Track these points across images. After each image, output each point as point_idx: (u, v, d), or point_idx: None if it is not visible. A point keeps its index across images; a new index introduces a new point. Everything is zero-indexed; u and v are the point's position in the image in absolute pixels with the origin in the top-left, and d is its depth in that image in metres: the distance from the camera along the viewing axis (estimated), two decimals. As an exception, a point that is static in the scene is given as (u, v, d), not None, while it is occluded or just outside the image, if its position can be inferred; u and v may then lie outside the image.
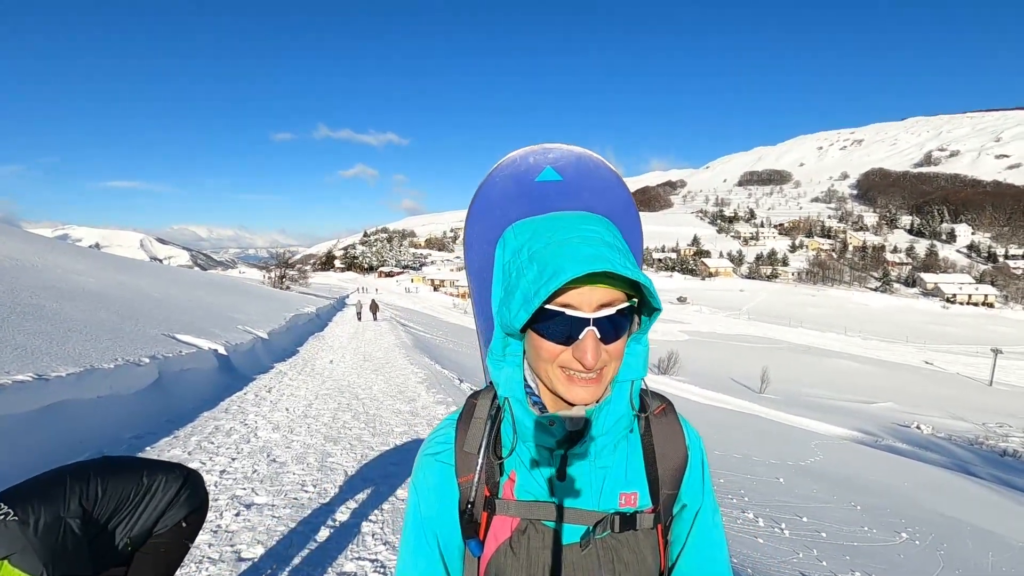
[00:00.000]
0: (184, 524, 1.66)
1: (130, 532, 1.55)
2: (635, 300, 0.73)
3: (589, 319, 0.68)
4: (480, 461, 0.77)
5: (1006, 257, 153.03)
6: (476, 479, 0.77)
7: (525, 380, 0.77)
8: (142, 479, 1.58)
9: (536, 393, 0.78)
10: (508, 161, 0.89)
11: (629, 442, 0.80)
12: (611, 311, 0.68)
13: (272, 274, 42.85)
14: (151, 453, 4.66)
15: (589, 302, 0.68)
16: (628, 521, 0.76)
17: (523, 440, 0.76)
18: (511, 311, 0.71)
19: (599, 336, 0.68)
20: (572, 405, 0.75)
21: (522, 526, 0.76)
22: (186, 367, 7.26)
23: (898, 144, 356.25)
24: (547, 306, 0.68)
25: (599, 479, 0.77)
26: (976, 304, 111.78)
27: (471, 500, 0.77)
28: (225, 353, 8.89)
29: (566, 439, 0.76)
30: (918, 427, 28.38)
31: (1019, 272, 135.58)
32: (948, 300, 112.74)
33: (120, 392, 5.53)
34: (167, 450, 4.77)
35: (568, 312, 0.68)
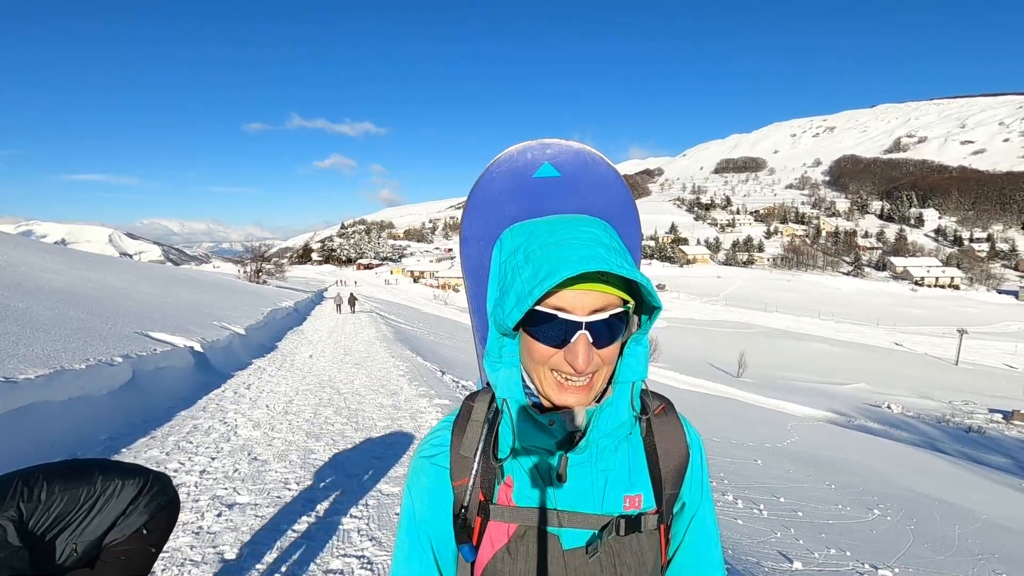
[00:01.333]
0: (145, 531, 1.56)
1: (76, 538, 1.47)
2: (630, 305, 0.72)
3: (582, 323, 0.67)
4: (476, 465, 0.75)
5: (971, 240, 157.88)
6: (471, 483, 0.75)
7: (523, 381, 0.76)
8: (95, 484, 1.49)
9: (535, 394, 0.76)
10: (505, 156, 0.87)
11: (631, 443, 0.79)
12: (604, 315, 0.68)
13: (248, 268, 41.98)
14: (127, 454, 4.56)
15: (583, 305, 0.67)
16: (633, 524, 0.75)
17: (522, 441, 0.74)
18: (504, 311, 0.70)
19: (592, 340, 0.68)
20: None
21: (521, 531, 0.74)
22: (161, 365, 7.10)
23: (868, 131, 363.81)
24: (540, 308, 0.68)
25: (601, 482, 0.76)
26: (943, 286, 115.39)
27: (465, 504, 0.75)
28: (201, 350, 8.72)
29: (566, 440, 0.74)
30: (889, 407, 29.33)
31: (983, 255, 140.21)
32: (916, 283, 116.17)
33: (93, 393, 5.39)
34: (144, 451, 4.67)
35: (561, 315, 0.67)
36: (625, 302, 0.71)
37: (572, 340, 0.67)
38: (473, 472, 0.75)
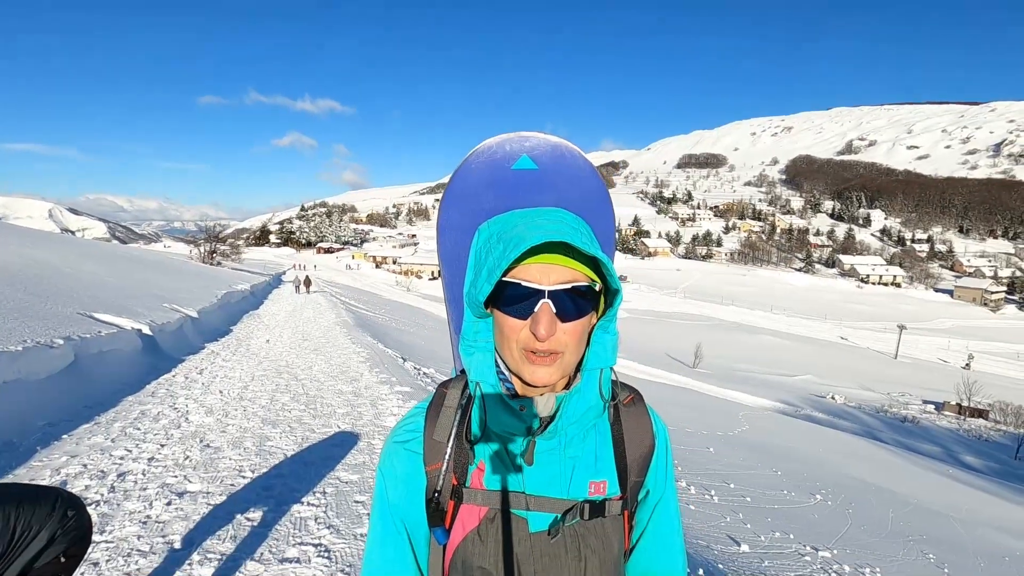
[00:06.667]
0: (63, 559, 1.46)
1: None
2: (596, 284, 0.75)
3: (544, 291, 0.70)
4: (449, 450, 0.77)
5: (913, 241, 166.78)
6: (444, 467, 0.77)
7: (497, 366, 0.78)
8: (9, 520, 1.35)
9: (508, 379, 0.78)
10: (484, 148, 0.90)
11: (598, 431, 0.82)
12: (566, 286, 0.71)
13: (201, 249, 40.23)
14: (69, 441, 4.34)
15: (547, 277, 0.71)
16: (597, 509, 0.78)
17: (493, 425, 0.76)
18: (477, 287, 0.73)
19: (555, 311, 0.70)
20: (537, 388, 0.76)
21: (491, 514, 0.77)
22: (106, 348, 6.76)
23: (823, 132, 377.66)
24: (507, 279, 0.71)
25: (568, 468, 0.79)
26: (886, 284, 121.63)
27: (438, 488, 0.77)
28: (150, 333, 8.35)
29: (536, 426, 0.77)
30: (833, 397, 30.84)
31: (923, 255, 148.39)
32: (862, 280, 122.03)
33: (30, 376, 5.09)
34: (87, 437, 4.45)
35: (525, 283, 0.71)
36: (592, 281, 0.74)
37: (536, 309, 0.70)
38: (446, 457, 0.77)
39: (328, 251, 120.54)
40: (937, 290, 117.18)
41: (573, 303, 0.71)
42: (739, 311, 74.20)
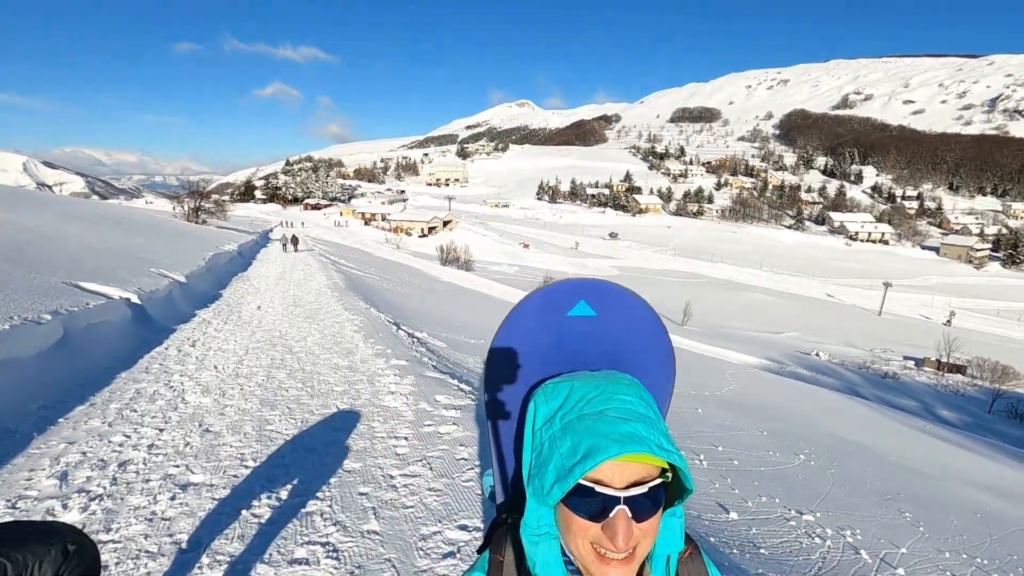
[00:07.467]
0: None
1: None
2: (669, 475, 0.71)
3: (620, 497, 0.66)
4: None
5: (903, 198, 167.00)
6: None
7: (564, 554, 0.74)
8: (4, 569, 1.35)
9: (577, 568, 0.75)
10: (540, 293, 0.89)
11: None
12: (643, 489, 0.67)
13: (185, 206, 39.24)
14: (65, 425, 4.31)
15: (621, 478, 0.67)
16: None
17: None
18: (544, 486, 0.69)
19: (631, 515, 0.66)
20: None
21: None
22: (95, 321, 6.63)
23: (820, 86, 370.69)
24: (578, 480, 0.67)
25: None
26: (874, 241, 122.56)
27: None
28: (139, 302, 8.21)
29: None
30: (817, 354, 31.57)
31: (912, 212, 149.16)
32: (851, 237, 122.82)
33: (19, 356, 5.00)
34: (83, 421, 4.42)
35: (599, 489, 0.66)
36: (663, 470, 0.70)
37: (611, 515, 0.66)
38: None
39: (315, 207, 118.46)
40: (924, 247, 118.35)
41: (648, 501, 0.68)
42: (728, 268, 74.74)
